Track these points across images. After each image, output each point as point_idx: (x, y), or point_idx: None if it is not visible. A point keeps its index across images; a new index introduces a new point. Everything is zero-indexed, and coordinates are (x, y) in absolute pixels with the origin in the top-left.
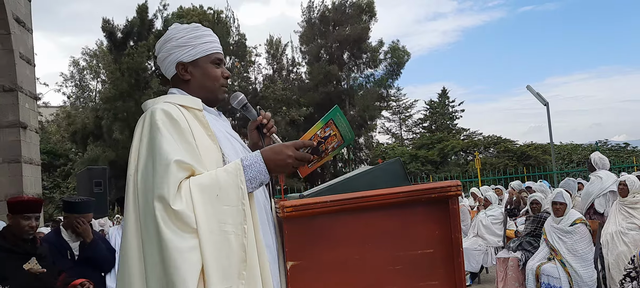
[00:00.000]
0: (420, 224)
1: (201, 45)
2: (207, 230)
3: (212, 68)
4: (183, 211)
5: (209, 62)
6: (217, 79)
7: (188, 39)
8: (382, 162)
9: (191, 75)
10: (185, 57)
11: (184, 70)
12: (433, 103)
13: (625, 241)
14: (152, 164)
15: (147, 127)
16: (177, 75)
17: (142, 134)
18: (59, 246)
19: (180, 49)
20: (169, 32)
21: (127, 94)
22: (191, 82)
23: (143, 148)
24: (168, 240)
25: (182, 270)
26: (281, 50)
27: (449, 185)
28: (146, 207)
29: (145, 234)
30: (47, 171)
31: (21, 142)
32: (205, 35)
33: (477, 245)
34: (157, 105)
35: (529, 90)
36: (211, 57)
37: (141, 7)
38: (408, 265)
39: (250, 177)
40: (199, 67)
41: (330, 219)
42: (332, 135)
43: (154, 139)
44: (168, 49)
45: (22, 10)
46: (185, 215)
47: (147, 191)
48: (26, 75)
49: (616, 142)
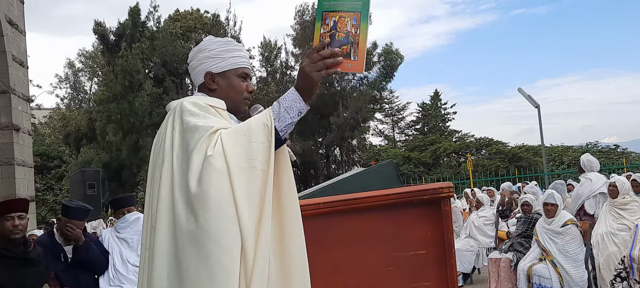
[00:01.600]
0: (412, 225)
1: (230, 58)
2: (237, 167)
3: (237, 80)
4: (213, 155)
5: (236, 75)
6: (241, 92)
7: (219, 52)
8: (375, 164)
9: (217, 85)
10: (214, 68)
11: (211, 80)
12: (426, 105)
13: (616, 242)
14: (188, 139)
15: (178, 116)
16: (205, 83)
17: (175, 123)
18: (52, 249)
19: (211, 60)
20: (203, 44)
21: (120, 96)
22: (217, 91)
23: (176, 134)
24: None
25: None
26: (275, 53)
27: (441, 187)
28: (185, 169)
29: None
30: (40, 173)
31: (14, 144)
32: (235, 49)
33: (469, 246)
34: (185, 100)
35: (520, 93)
36: (238, 70)
37: (133, 9)
38: (401, 266)
39: (287, 107)
40: (226, 79)
41: (323, 221)
42: (341, 18)
43: (188, 121)
44: (200, 58)
45: (15, 12)
46: (214, 160)
47: (186, 155)
48: (19, 77)
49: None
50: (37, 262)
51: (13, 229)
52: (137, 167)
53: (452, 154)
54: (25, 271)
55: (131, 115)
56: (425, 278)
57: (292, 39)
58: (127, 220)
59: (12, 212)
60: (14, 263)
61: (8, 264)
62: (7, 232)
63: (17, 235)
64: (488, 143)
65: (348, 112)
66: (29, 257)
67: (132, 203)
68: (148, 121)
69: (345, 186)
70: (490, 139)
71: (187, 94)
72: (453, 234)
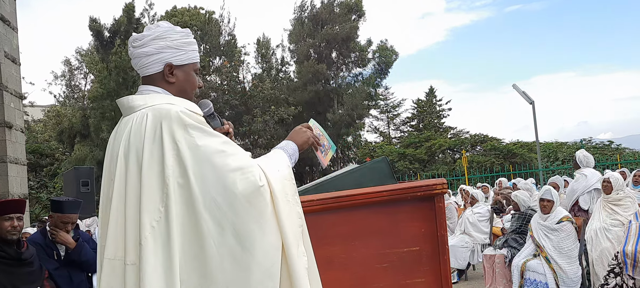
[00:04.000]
0: (406, 222)
1: (191, 51)
2: (282, 200)
3: (194, 76)
4: (265, 190)
5: (193, 70)
6: (195, 87)
7: (182, 44)
8: (369, 160)
9: (176, 78)
10: (175, 60)
11: (170, 72)
12: (421, 102)
13: (609, 237)
14: (213, 157)
15: (180, 127)
16: (162, 74)
17: (175, 135)
18: (45, 247)
19: (172, 50)
20: (163, 31)
21: (114, 92)
22: (175, 85)
23: (184, 145)
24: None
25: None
26: (271, 51)
27: (434, 184)
28: (224, 192)
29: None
30: (33, 171)
31: (7, 141)
32: (193, 42)
33: (464, 242)
34: (164, 106)
35: (515, 89)
36: (196, 65)
37: (128, 5)
38: (395, 263)
39: (290, 154)
40: (185, 73)
41: (317, 217)
42: (321, 135)
43: (200, 137)
44: (159, 46)
45: (7, 8)
46: (265, 191)
47: (222, 176)
48: (11, 74)
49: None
50: (31, 262)
51: (11, 230)
52: None
53: (447, 151)
54: (19, 271)
55: None
56: (419, 275)
57: (289, 35)
58: None
59: (11, 213)
60: (8, 263)
61: (1, 264)
62: (5, 232)
63: (15, 236)
64: (483, 139)
65: (343, 109)
66: (22, 257)
67: None
68: None
69: (339, 183)
70: (485, 135)
71: None
72: (446, 230)
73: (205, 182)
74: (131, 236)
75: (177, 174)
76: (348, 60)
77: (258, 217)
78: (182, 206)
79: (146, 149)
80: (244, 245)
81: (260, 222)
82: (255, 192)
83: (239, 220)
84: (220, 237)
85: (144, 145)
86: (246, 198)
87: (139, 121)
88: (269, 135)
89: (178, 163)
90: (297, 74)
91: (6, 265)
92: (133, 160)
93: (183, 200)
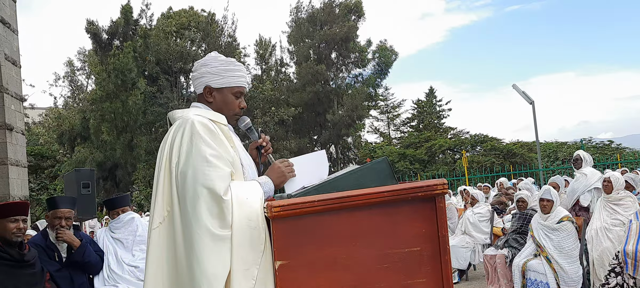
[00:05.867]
0: (407, 222)
1: (229, 77)
2: (237, 226)
3: (231, 98)
4: (227, 206)
5: (231, 93)
6: (233, 108)
7: (219, 70)
8: (370, 161)
9: (214, 99)
10: (213, 83)
11: (209, 93)
12: (421, 102)
13: (610, 237)
14: (198, 163)
15: (188, 134)
16: (203, 94)
17: (183, 138)
18: (46, 249)
19: (211, 76)
20: (208, 59)
21: (113, 94)
22: (213, 104)
23: (183, 149)
24: (209, 226)
25: (212, 259)
26: (270, 51)
27: (435, 184)
28: (193, 194)
29: (186, 218)
30: (34, 173)
31: (7, 143)
32: (235, 69)
33: (465, 242)
34: (190, 116)
35: (514, 89)
36: (233, 89)
37: (125, 7)
38: (396, 263)
39: (265, 191)
40: (222, 94)
41: (317, 219)
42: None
43: (198, 144)
44: (202, 72)
45: (7, 11)
46: (227, 210)
47: (195, 182)
48: (12, 76)
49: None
50: (32, 264)
51: (16, 232)
52: (132, 166)
53: (448, 151)
54: (21, 273)
55: (125, 114)
56: (420, 275)
57: (287, 36)
58: (121, 221)
59: (16, 215)
60: (10, 264)
61: (4, 266)
62: (10, 234)
63: (19, 238)
64: (483, 139)
65: (343, 110)
66: (25, 259)
67: (126, 203)
68: (142, 120)
69: (339, 183)
70: (485, 136)
71: (181, 92)
72: (448, 231)
73: (186, 182)
74: (158, 207)
75: (174, 173)
76: (348, 61)
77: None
78: (174, 186)
79: (167, 151)
80: (192, 256)
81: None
82: (217, 215)
83: (195, 225)
84: (184, 214)
85: (166, 147)
86: (208, 216)
87: (172, 128)
88: (269, 136)
89: (177, 164)
90: (297, 75)
91: (9, 266)
92: (163, 158)
93: (173, 183)
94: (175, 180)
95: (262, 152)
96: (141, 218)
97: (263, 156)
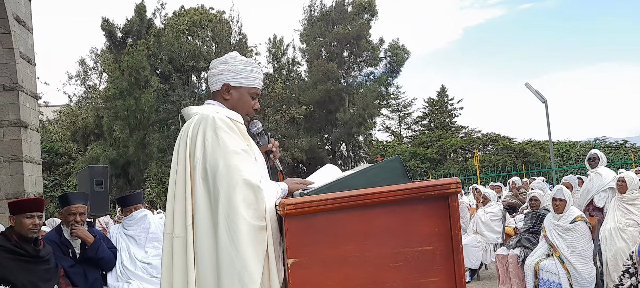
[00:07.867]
0: (420, 221)
1: (248, 77)
2: (271, 217)
3: (248, 97)
4: (263, 196)
5: (248, 93)
6: (248, 108)
7: (240, 69)
8: (381, 159)
9: (231, 96)
10: (232, 81)
11: (227, 90)
12: (432, 101)
13: (624, 237)
14: (228, 155)
15: (211, 128)
16: (220, 92)
17: (207, 133)
18: (60, 245)
19: (232, 74)
20: (228, 57)
21: (127, 92)
22: (229, 102)
23: (209, 143)
24: (245, 215)
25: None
26: (283, 50)
27: (448, 183)
28: (228, 184)
29: (222, 210)
30: (48, 170)
31: (22, 141)
32: (254, 70)
33: (477, 242)
34: (210, 113)
35: (527, 88)
36: (251, 89)
37: (139, 6)
38: (409, 262)
39: (283, 188)
40: (239, 93)
41: (330, 217)
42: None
43: (223, 137)
44: (222, 69)
45: (22, 9)
46: (261, 200)
47: (229, 172)
48: (27, 74)
49: (614, 139)
50: (47, 259)
51: (33, 228)
52: (144, 163)
53: (459, 150)
54: (37, 268)
55: (138, 111)
56: (433, 274)
57: (300, 35)
58: (134, 218)
59: (32, 211)
60: (26, 260)
61: (20, 261)
62: (26, 230)
63: (35, 233)
64: (495, 138)
65: (354, 108)
66: (40, 254)
67: (139, 200)
68: (155, 117)
69: (352, 182)
70: (497, 135)
71: (193, 90)
72: (460, 230)
73: (218, 174)
74: (178, 214)
75: (200, 167)
76: (359, 59)
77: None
78: (205, 194)
79: (188, 145)
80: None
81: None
82: (255, 226)
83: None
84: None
85: (187, 142)
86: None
87: (189, 124)
88: (280, 134)
89: (203, 157)
90: (308, 73)
91: (24, 262)
92: (181, 153)
93: (205, 189)
94: (202, 173)
95: (270, 156)
96: (153, 216)
97: (270, 160)
